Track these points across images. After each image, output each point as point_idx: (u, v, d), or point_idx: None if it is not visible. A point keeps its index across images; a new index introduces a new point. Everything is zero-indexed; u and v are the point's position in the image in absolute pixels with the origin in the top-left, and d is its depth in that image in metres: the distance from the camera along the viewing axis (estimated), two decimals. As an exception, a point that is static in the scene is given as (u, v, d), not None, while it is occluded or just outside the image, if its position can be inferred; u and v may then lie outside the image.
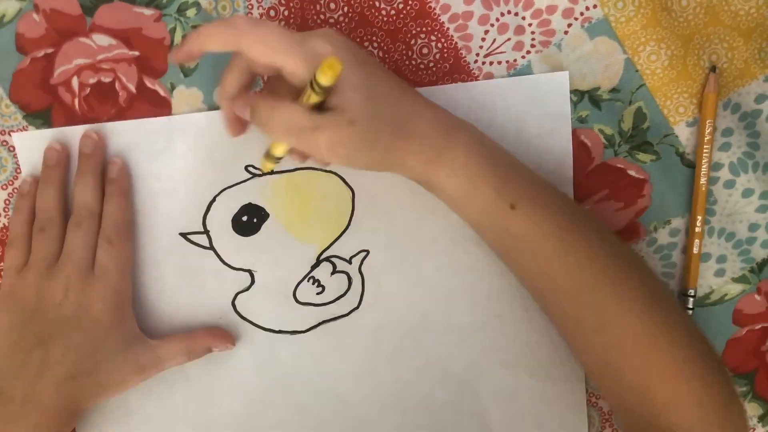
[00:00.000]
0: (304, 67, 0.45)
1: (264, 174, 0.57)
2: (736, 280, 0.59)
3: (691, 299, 0.58)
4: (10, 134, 0.56)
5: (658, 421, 0.48)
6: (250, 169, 0.57)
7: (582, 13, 0.55)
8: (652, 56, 0.55)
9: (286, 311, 0.58)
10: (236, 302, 0.58)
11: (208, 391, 0.59)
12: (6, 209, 0.57)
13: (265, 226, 0.58)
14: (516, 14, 0.56)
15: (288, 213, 0.58)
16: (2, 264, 0.57)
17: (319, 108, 0.46)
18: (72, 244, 0.53)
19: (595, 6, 0.55)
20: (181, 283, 0.58)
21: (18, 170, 0.57)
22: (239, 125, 0.52)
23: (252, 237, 0.58)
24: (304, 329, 0.59)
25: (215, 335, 0.57)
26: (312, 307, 0.59)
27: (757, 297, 0.59)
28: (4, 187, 0.57)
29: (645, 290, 0.49)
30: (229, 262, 0.58)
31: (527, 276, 0.52)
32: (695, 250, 0.58)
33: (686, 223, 0.58)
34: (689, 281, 0.58)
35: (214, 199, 0.57)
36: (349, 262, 0.58)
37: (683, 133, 0.57)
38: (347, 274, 0.58)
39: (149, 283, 0.58)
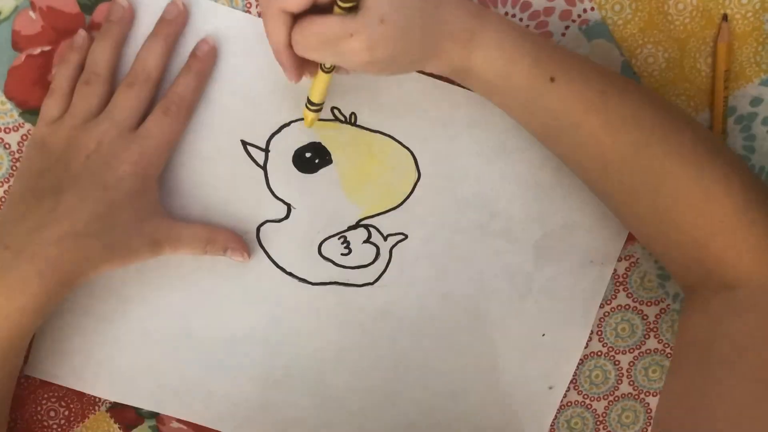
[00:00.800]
0: None
1: (345, 122, 0.56)
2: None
3: None
4: (6, 131, 0.56)
5: (713, 274, 0.49)
6: (335, 111, 0.56)
7: (579, 16, 0.56)
8: (650, 59, 0.56)
9: (305, 258, 0.58)
10: (261, 228, 0.57)
11: (195, 303, 0.58)
12: (1, 207, 0.57)
13: (323, 171, 0.57)
14: (513, 15, 0.56)
15: (350, 168, 0.57)
16: None
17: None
18: (117, 103, 0.51)
19: (592, 8, 0.55)
20: (219, 187, 0.57)
21: (13, 168, 0.56)
22: (298, 69, 0.49)
23: (306, 175, 0.57)
24: (313, 282, 0.58)
25: (235, 239, 0.56)
26: (331, 264, 0.58)
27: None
28: (1, 184, 0.57)
29: (697, 147, 0.48)
30: (273, 188, 0.57)
31: (574, 154, 0.51)
32: None
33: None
34: None
35: (288, 124, 0.56)
36: (385, 238, 0.58)
37: (679, 136, 0.57)
38: (377, 248, 0.58)
39: (189, 172, 0.56)
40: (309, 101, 0.52)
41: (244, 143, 0.56)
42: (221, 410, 0.59)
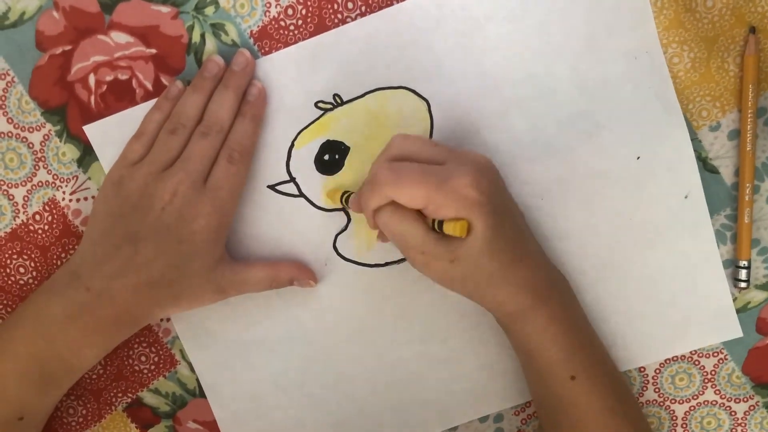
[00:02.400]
0: (445, 208, 0.46)
1: (335, 107, 0.56)
2: (759, 287, 0.58)
3: (744, 271, 0.57)
4: (30, 131, 0.56)
5: None
6: (320, 104, 0.56)
7: (603, 14, 0.54)
8: (675, 59, 0.54)
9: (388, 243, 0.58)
10: (337, 244, 0.58)
11: (330, 341, 0.59)
12: (25, 206, 0.57)
13: (349, 160, 0.57)
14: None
15: (367, 140, 0.56)
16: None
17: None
18: (192, 153, 0.52)
19: (616, 6, 0.54)
20: (279, 236, 0.58)
21: (36, 167, 0.57)
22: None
23: (338, 174, 0.57)
24: None
25: (299, 268, 0.57)
26: None
27: (781, 306, 0.58)
28: (24, 183, 0.57)
29: None
30: (321, 206, 0.57)
31: (558, 416, 0.54)
32: (746, 219, 0.56)
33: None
34: (741, 252, 0.57)
35: (292, 144, 0.57)
36: None
37: (707, 138, 0.56)
38: None
39: (247, 240, 0.58)
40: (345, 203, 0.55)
41: (271, 187, 0.57)
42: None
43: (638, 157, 0.56)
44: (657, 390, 0.60)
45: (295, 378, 0.60)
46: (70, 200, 0.57)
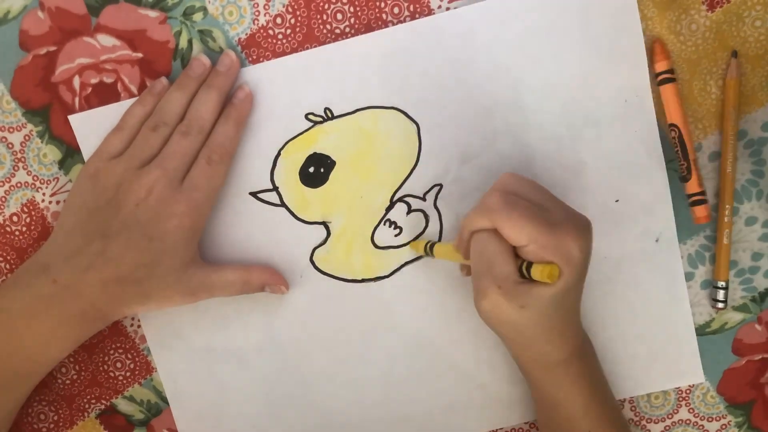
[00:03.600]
0: (544, 253, 0.46)
1: (325, 120, 0.56)
2: (736, 308, 0.58)
3: (722, 291, 0.57)
4: (10, 131, 0.56)
5: None
6: (311, 117, 0.56)
7: (589, 33, 0.55)
8: (659, 79, 0.55)
9: (367, 259, 0.58)
10: (314, 258, 0.58)
11: (300, 354, 0.59)
12: (2, 207, 0.57)
13: (333, 175, 0.57)
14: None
15: (354, 157, 0.56)
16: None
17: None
18: (171, 151, 0.52)
19: (603, 26, 0.55)
20: (256, 244, 0.57)
21: (15, 168, 0.56)
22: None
23: (322, 188, 0.57)
24: (387, 274, 0.58)
25: (271, 274, 0.56)
26: (392, 250, 0.58)
27: (757, 327, 0.58)
28: (2, 183, 0.57)
29: None
30: (302, 217, 0.57)
31: None
32: (725, 241, 0.56)
33: (688, 249, 0.58)
34: (719, 273, 0.57)
35: (278, 153, 0.56)
36: (423, 198, 0.57)
37: (688, 158, 0.56)
38: (423, 211, 0.57)
39: (224, 245, 0.57)
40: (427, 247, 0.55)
41: (253, 194, 0.57)
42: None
43: (617, 200, 0.57)
44: (633, 409, 0.60)
45: (261, 388, 0.59)
46: (50, 202, 0.57)
